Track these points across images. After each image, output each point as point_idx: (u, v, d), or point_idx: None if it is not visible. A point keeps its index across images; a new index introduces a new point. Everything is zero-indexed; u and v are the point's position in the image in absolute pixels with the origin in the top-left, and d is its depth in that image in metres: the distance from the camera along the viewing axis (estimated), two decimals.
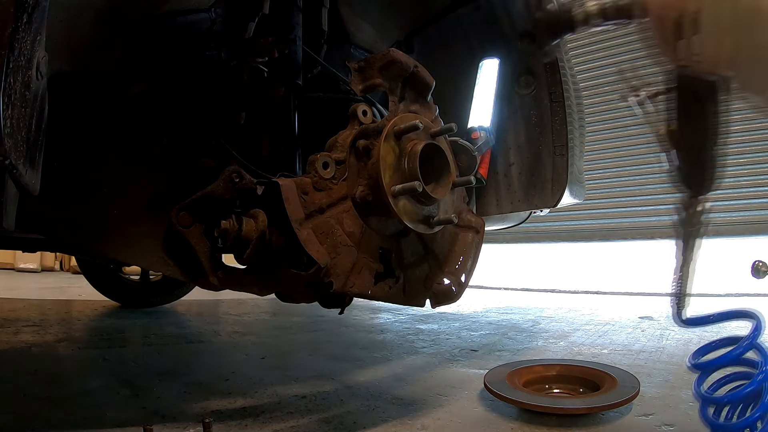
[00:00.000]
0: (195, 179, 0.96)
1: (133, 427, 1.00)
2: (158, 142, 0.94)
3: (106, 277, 2.72)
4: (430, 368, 1.56)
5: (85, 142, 0.87)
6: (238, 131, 1.05)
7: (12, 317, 2.36)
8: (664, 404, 1.18)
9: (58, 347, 1.79)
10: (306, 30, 1.15)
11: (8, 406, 1.15)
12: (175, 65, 0.98)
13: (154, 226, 0.93)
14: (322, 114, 1.18)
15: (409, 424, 1.06)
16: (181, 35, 0.98)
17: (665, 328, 2.24)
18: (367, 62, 1.00)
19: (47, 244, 1.94)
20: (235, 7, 1.06)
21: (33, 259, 5.05)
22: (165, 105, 0.96)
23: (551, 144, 1.47)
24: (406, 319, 2.59)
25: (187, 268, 0.96)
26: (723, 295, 3.31)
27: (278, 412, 1.13)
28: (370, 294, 0.94)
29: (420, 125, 0.92)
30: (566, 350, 1.81)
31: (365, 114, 1.01)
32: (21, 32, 0.53)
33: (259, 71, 1.05)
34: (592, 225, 4.36)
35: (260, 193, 0.91)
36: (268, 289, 1.00)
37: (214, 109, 1.02)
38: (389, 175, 0.91)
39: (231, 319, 2.57)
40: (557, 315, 2.78)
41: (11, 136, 0.54)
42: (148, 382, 1.36)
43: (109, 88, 0.89)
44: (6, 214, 0.70)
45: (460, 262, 1.09)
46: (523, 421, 1.09)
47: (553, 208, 1.58)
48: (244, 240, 0.91)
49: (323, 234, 0.88)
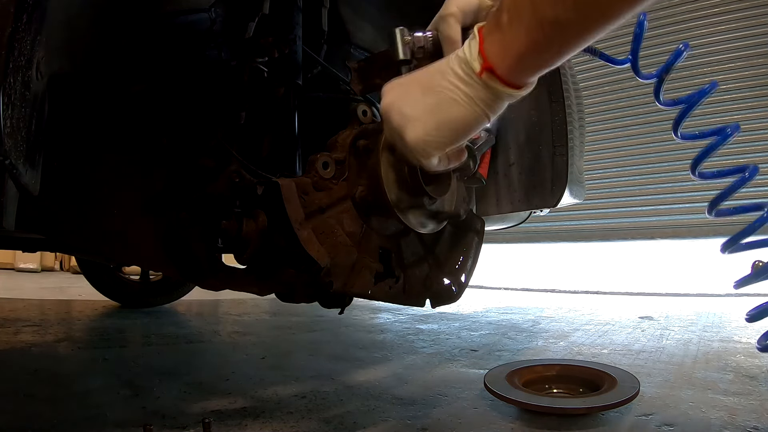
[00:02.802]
0: (195, 179, 0.96)
1: (133, 427, 1.00)
2: (158, 142, 0.94)
3: (106, 277, 2.72)
4: (430, 368, 1.56)
5: (85, 142, 0.87)
6: (238, 131, 1.05)
7: (12, 317, 2.36)
8: (664, 404, 1.18)
9: (58, 347, 1.79)
10: (306, 30, 1.15)
11: (8, 406, 1.15)
12: (175, 65, 0.98)
13: (154, 226, 0.93)
14: (322, 114, 1.18)
15: (409, 424, 1.06)
16: (181, 35, 0.98)
17: (665, 328, 2.24)
18: (367, 62, 1.00)
19: (47, 244, 1.94)
20: (235, 7, 1.05)
21: (33, 259, 5.05)
22: (165, 105, 0.96)
23: (551, 144, 1.47)
24: (406, 319, 2.59)
25: (187, 268, 0.96)
26: (723, 295, 3.31)
27: (278, 412, 1.13)
28: (370, 294, 0.94)
29: None
30: (566, 350, 1.81)
31: (365, 114, 1.01)
32: (21, 32, 0.53)
33: (259, 71, 1.05)
34: (592, 225, 4.36)
35: (260, 193, 0.91)
36: (268, 289, 1.00)
37: (214, 109, 1.02)
38: (389, 175, 0.91)
39: (231, 319, 2.57)
40: (557, 315, 2.78)
41: (11, 136, 0.54)
42: (148, 382, 1.36)
43: (109, 88, 0.89)
44: (6, 214, 0.70)
45: (460, 262, 1.09)
46: (523, 421, 1.09)
47: (553, 208, 1.58)
48: (244, 240, 0.91)
49: (323, 234, 0.88)
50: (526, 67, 0.59)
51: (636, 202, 4.15)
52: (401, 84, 0.71)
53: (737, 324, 2.31)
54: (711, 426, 1.04)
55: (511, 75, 0.60)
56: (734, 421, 1.06)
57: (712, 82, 0.87)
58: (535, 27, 0.55)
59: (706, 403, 1.18)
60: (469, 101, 0.63)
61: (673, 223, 3.95)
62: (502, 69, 0.59)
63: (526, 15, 0.55)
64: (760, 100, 3.64)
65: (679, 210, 3.92)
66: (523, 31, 0.56)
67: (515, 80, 0.61)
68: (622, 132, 4.20)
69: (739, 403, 1.17)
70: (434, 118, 0.65)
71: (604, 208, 4.30)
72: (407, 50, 0.88)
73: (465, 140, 0.69)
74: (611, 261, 4.44)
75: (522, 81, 0.61)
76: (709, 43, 3.79)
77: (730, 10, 3.75)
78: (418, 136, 0.67)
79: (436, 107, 0.65)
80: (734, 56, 3.74)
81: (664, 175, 4.01)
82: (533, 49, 0.57)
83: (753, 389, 1.28)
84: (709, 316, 2.60)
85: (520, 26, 0.56)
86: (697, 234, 3.82)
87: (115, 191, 0.90)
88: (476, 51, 0.60)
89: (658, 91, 0.90)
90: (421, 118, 0.66)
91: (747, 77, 3.68)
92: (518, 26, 0.56)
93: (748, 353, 1.69)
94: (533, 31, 0.55)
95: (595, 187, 4.18)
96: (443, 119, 0.65)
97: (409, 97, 0.68)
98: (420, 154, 0.69)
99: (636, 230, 4.15)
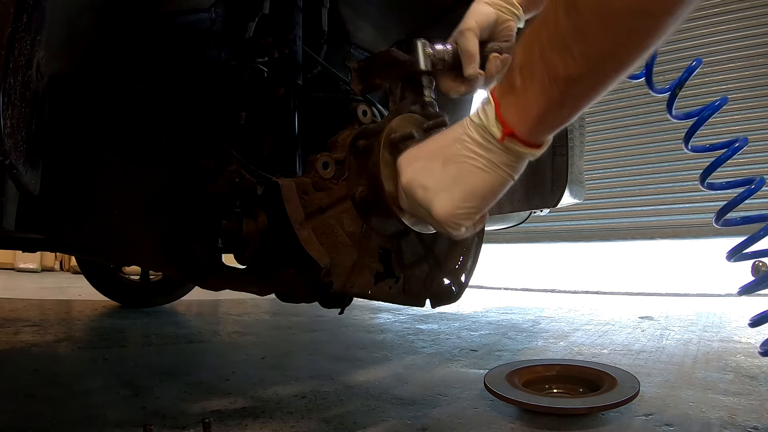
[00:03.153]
0: (195, 179, 0.96)
1: (133, 427, 1.00)
2: (158, 142, 0.94)
3: (106, 277, 2.72)
4: (430, 368, 1.56)
5: (85, 142, 0.87)
6: (238, 131, 1.05)
7: (12, 317, 2.36)
8: (664, 404, 1.18)
9: (58, 347, 1.79)
10: (306, 30, 1.15)
11: (8, 406, 1.15)
12: (175, 65, 0.98)
13: (154, 226, 0.93)
14: (322, 114, 1.18)
15: (409, 424, 1.06)
16: (181, 35, 0.98)
17: (665, 328, 2.24)
18: (367, 62, 1.00)
19: (47, 244, 1.94)
20: (235, 7, 1.06)
21: (33, 259, 5.05)
22: (165, 105, 0.96)
23: (551, 144, 1.47)
24: (406, 319, 2.59)
25: (187, 268, 0.96)
26: (723, 295, 3.31)
27: (278, 412, 1.13)
28: (370, 294, 0.94)
29: (416, 135, 0.92)
30: (566, 350, 1.81)
31: (365, 114, 1.01)
32: (21, 32, 0.53)
33: (259, 71, 1.05)
34: (592, 225, 4.36)
35: (260, 193, 0.91)
36: (268, 289, 1.00)
37: (214, 109, 1.02)
38: (389, 175, 0.91)
39: (231, 319, 2.57)
40: (557, 315, 2.78)
41: (11, 136, 0.54)
42: (148, 382, 1.36)
43: (109, 88, 0.89)
44: (6, 214, 0.70)
45: (460, 262, 1.09)
46: (523, 421, 1.09)
47: (553, 208, 1.58)
48: (244, 240, 0.91)
49: (323, 234, 0.88)
50: (545, 126, 0.60)
51: (636, 202, 4.15)
52: (417, 157, 0.70)
53: (737, 324, 2.31)
54: (711, 426, 1.04)
55: (531, 136, 0.60)
56: (734, 421, 1.06)
57: (722, 97, 0.88)
58: (550, 86, 0.55)
59: (706, 403, 1.18)
60: (493, 167, 0.62)
61: (673, 223, 3.95)
62: (523, 132, 0.59)
63: (538, 75, 0.55)
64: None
65: (679, 210, 3.93)
66: (538, 91, 0.56)
67: (535, 140, 0.61)
68: (622, 132, 4.20)
69: (739, 403, 1.17)
70: (460, 188, 0.64)
71: (604, 208, 4.30)
72: (428, 62, 0.90)
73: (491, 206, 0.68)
74: (611, 261, 4.44)
75: (542, 140, 0.62)
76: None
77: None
78: (447, 210, 0.65)
79: (459, 177, 0.64)
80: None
81: (664, 175, 4.01)
82: (550, 108, 0.57)
83: (753, 389, 1.28)
84: (709, 316, 2.60)
85: (534, 87, 0.56)
86: (697, 234, 3.82)
87: (115, 191, 0.90)
88: (494, 116, 0.60)
89: (671, 106, 0.91)
90: (447, 191, 0.65)
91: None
92: (533, 87, 0.56)
93: (748, 353, 1.69)
94: (548, 90, 0.55)
95: (595, 187, 4.18)
96: (469, 189, 0.64)
97: (429, 170, 0.66)
98: (451, 227, 0.67)
99: (636, 230, 4.15)
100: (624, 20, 0.49)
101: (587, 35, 0.51)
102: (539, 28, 0.55)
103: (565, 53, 0.52)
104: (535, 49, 0.55)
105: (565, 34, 0.52)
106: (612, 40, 0.51)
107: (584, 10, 0.50)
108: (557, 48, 0.53)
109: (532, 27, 0.57)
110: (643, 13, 0.48)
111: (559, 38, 0.53)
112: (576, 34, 0.51)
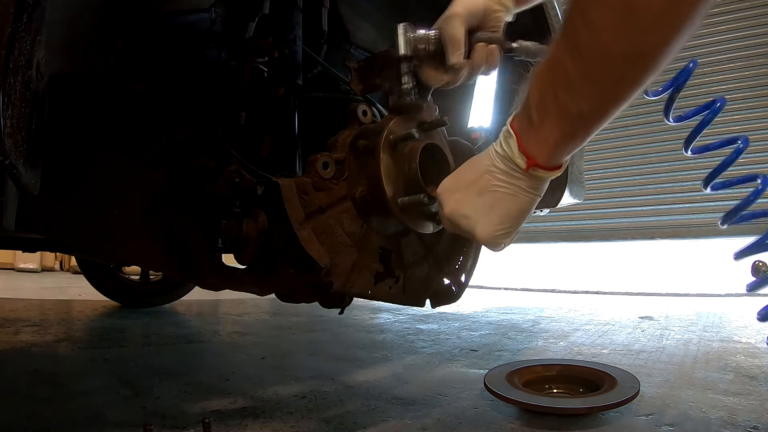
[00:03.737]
0: (195, 179, 0.96)
1: (133, 427, 1.00)
2: (158, 142, 0.94)
3: (106, 277, 2.72)
4: (430, 368, 1.56)
5: (85, 142, 0.87)
6: (238, 131, 1.05)
7: (12, 317, 2.36)
8: (664, 404, 1.18)
9: (58, 347, 1.79)
10: (306, 30, 1.15)
11: (8, 406, 1.15)
12: (175, 65, 0.98)
13: (154, 226, 0.93)
14: (322, 114, 1.18)
15: (409, 424, 1.06)
16: (181, 35, 0.98)
17: (665, 328, 2.24)
18: (367, 62, 1.00)
19: (47, 244, 1.94)
20: (235, 7, 1.06)
21: (33, 259, 5.06)
22: (165, 105, 0.96)
23: None
24: (406, 319, 2.59)
25: (187, 268, 0.96)
26: (723, 295, 3.31)
27: (278, 412, 1.13)
28: (370, 294, 0.94)
29: (416, 134, 0.92)
30: (566, 350, 1.81)
31: (365, 114, 1.01)
32: (21, 32, 0.53)
33: (259, 71, 1.05)
34: (592, 225, 4.36)
35: (260, 193, 0.91)
36: (268, 289, 1.00)
37: (214, 109, 1.02)
38: (389, 175, 0.91)
39: (231, 319, 2.57)
40: (557, 315, 2.78)
41: (11, 136, 0.54)
42: (148, 382, 1.36)
43: (109, 88, 0.89)
44: (6, 214, 0.70)
45: (460, 262, 1.09)
46: (523, 421, 1.09)
47: (553, 208, 1.58)
48: (244, 240, 0.91)
49: (323, 234, 0.88)
50: (562, 152, 0.69)
51: (636, 202, 4.16)
52: (453, 191, 0.79)
53: (737, 324, 2.31)
54: (711, 426, 1.04)
55: (550, 162, 0.70)
56: (734, 421, 1.06)
57: (721, 98, 0.88)
58: (564, 122, 0.64)
59: (706, 403, 1.18)
60: (522, 192, 0.73)
61: (673, 223, 3.96)
62: (543, 160, 0.69)
63: (553, 113, 0.64)
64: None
65: (679, 210, 3.93)
66: (554, 125, 0.65)
67: (554, 164, 0.71)
68: (622, 132, 4.20)
69: (739, 403, 1.17)
70: (496, 213, 0.75)
71: (604, 208, 4.30)
72: (408, 47, 0.88)
73: (524, 221, 0.78)
74: (611, 261, 4.44)
75: (559, 163, 0.71)
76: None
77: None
78: (488, 234, 0.76)
79: (494, 204, 0.74)
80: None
81: (664, 175, 4.01)
82: (565, 139, 0.67)
83: (753, 389, 1.28)
84: (709, 316, 2.60)
85: (550, 122, 0.65)
86: (697, 234, 3.83)
87: (115, 191, 0.90)
88: (516, 149, 0.70)
89: (668, 110, 0.91)
90: (485, 216, 0.75)
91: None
92: (549, 122, 0.65)
93: (748, 353, 1.69)
94: (562, 125, 0.65)
95: (595, 187, 4.19)
96: (504, 213, 0.74)
97: (467, 201, 0.77)
98: (494, 246, 0.79)
99: (636, 230, 4.16)
100: (623, 62, 0.56)
101: (592, 78, 0.59)
102: (549, 71, 0.63)
103: (575, 94, 0.61)
104: (548, 90, 0.63)
105: (573, 78, 0.60)
106: (614, 79, 0.58)
107: (587, 55, 0.57)
108: (567, 90, 0.61)
109: (543, 68, 0.64)
110: (640, 55, 0.55)
111: (568, 81, 0.60)
112: (582, 78, 0.59)
